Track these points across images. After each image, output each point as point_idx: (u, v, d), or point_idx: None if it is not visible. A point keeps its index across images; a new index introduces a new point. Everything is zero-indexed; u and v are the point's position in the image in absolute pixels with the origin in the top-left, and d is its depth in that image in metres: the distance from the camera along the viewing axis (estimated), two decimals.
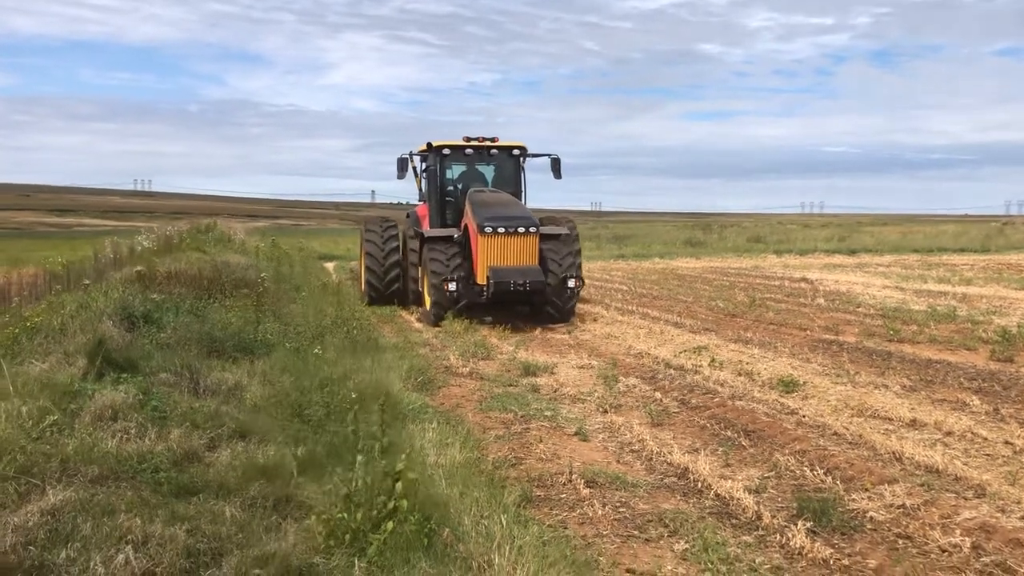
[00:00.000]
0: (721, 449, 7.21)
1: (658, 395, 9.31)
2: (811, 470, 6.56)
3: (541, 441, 7.35)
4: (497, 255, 14.62)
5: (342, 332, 10.74)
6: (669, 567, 4.74)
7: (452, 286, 14.54)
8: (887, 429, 7.76)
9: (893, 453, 6.96)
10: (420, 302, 16.20)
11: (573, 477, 6.24)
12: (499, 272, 14.38)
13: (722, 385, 9.73)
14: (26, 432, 5.41)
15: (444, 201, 16.74)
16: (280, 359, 9.06)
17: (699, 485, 6.27)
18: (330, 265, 30.96)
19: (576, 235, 16.61)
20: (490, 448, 7.10)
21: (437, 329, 14.40)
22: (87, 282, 11.81)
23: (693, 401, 9.01)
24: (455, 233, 15.59)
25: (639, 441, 7.43)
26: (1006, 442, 7.24)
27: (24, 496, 4.38)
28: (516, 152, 16.98)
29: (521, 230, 14.75)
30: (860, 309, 16.92)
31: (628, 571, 4.66)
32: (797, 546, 5.06)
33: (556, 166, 17.17)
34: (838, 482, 6.26)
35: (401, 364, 10.32)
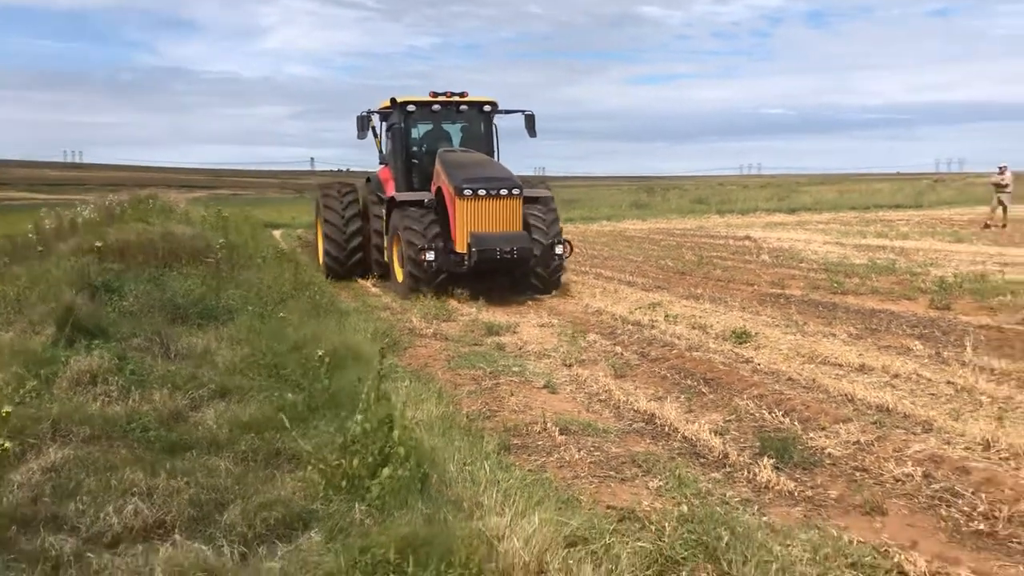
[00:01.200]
0: (683, 396, 7.53)
1: (619, 349, 9.61)
2: (770, 412, 6.91)
3: (512, 395, 7.59)
4: (478, 220, 13.22)
5: (304, 297, 10.80)
6: (646, 502, 5.01)
7: (430, 256, 13.13)
8: (838, 374, 8.16)
9: (845, 395, 7.35)
10: (387, 274, 15.21)
11: (548, 426, 6.49)
12: (482, 239, 12.96)
13: (678, 338, 10.06)
14: (7, 397, 5.46)
15: (411, 163, 15.28)
16: (245, 324, 9.12)
17: (666, 429, 6.57)
18: (277, 233, 30.65)
19: (553, 197, 15.33)
20: (464, 402, 7.31)
21: (394, 293, 14.47)
22: (40, 249, 11.66)
23: (652, 353, 9.32)
24: (428, 197, 14.15)
25: (605, 391, 7.72)
26: (948, 382, 7.69)
27: (20, 456, 4.46)
28: (487, 108, 15.50)
29: (504, 192, 13.31)
30: (803, 264, 17.47)
31: (609, 507, 4.92)
32: (764, 480, 5.39)
33: (531, 124, 15.60)
34: (796, 423, 6.62)
35: (366, 327, 10.44)
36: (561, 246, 13.77)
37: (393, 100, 15.09)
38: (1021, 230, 23.93)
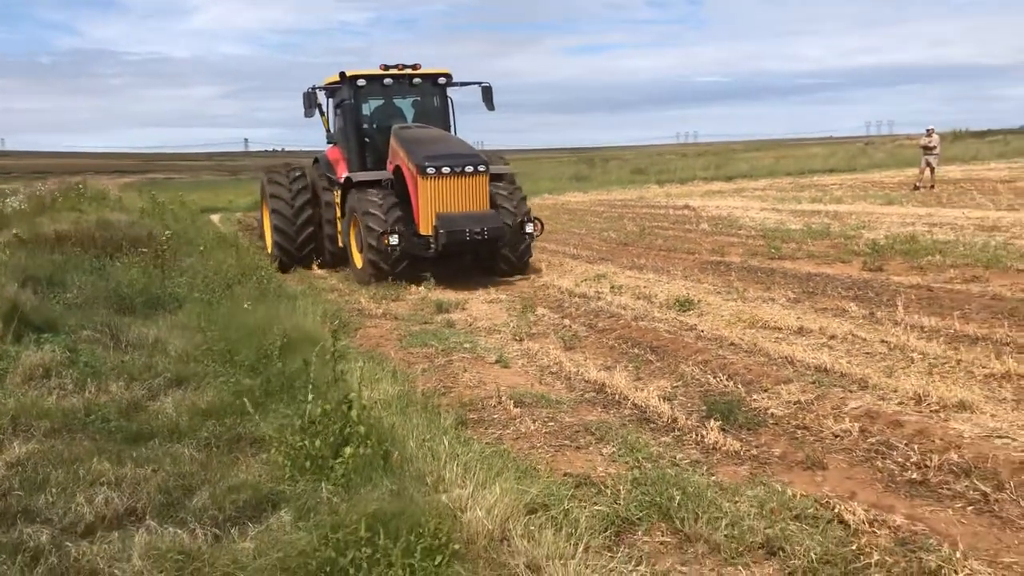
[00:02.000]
0: (631, 365, 7.76)
1: (567, 322, 9.82)
2: (714, 377, 7.18)
3: (465, 371, 7.74)
4: (443, 200, 12.47)
5: (251, 282, 10.78)
6: (601, 468, 5.23)
7: (393, 240, 12.39)
8: (778, 337, 8.47)
9: (785, 357, 7.65)
10: (339, 261, 14.73)
11: (502, 399, 6.66)
12: (449, 220, 12.27)
13: (624, 308, 10.30)
14: None
15: (363, 141, 14.36)
16: (194, 311, 9.10)
17: (617, 397, 6.79)
18: (215, 217, 30.24)
19: (515, 174, 14.91)
20: (418, 380, 7.44)
21: (341, 274, 14.48)
22: None
23: (600, 325, 9.55)
24: (386, 176, 13.48)
25: (556, 364, 7.91)
26: (882, 341, 8.04)
27: None
28: (442, 80, 14.65)
29: (469, 169, 12.54)
30: (742, 231, 17.88)
31: (566, 475, 5.12)
32: (711, 442, 5.63)
33: (488, 96, 14.77)
34: (739, 386, 6.89)
35: (314, 310, 10.47)
36: (531, 224, 13.28)
37: (342, 74, 14.16)
38: (948, 191, 24.74)
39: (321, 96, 15.21)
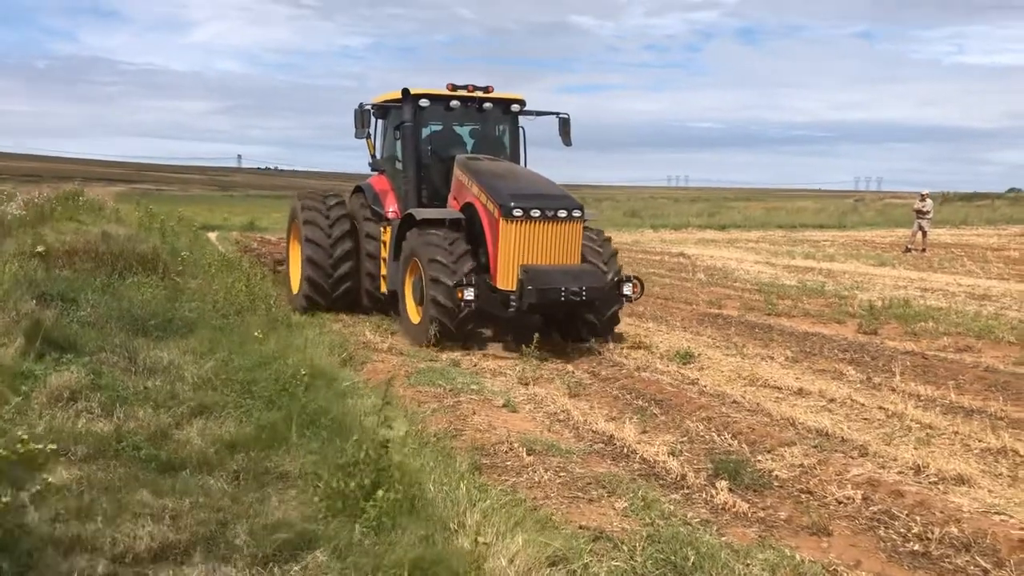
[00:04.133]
0: (637, 417, 7.94)
1: (570, 367, 10.01)
2: (719, 435, 7.37)
3: (475, 413, 7.90)
4: (530, 249, 10.48)
5: (261, 309, 10.93)
6: (615, 523, 5.39)
7: (469, 294, 10.29)
8: (778, 397, 8.69)
9: (787, 419, 7.87)
10: (379, 307, 13.00)
11: (514, 446, 6.82)
12: (540, 274, 10.24)
13: (626, 358, 10.51)
14: None
15: (420, 172, 12.39)
16: (207, 337, 9.23)
17: (625, 450, 6.97)
18: (212, 236, 30.33)
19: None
20: (428, 421, 7.59)
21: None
22: None
23: (603, 373, 9.74)
24: (456, 216, 11.39)
25: (563, 411, 8.09)
26: (880, 407, 8.27)
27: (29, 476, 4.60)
28: (515, 107, 12.65)
29: (563, 214, 10.58)
30: (737, 284, 18.18)
31: (581, 527, 5.28)
32: (720, 502, 5.82)
33: (565, 128, 12.92)
34: (744, 445, 7.09)
35: (320, 340, 10.63)
36: (629, 284, 11.26)
37: (405, 92, 12.16)
38: (939, 255, 25.20)
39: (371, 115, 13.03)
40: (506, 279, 10.51)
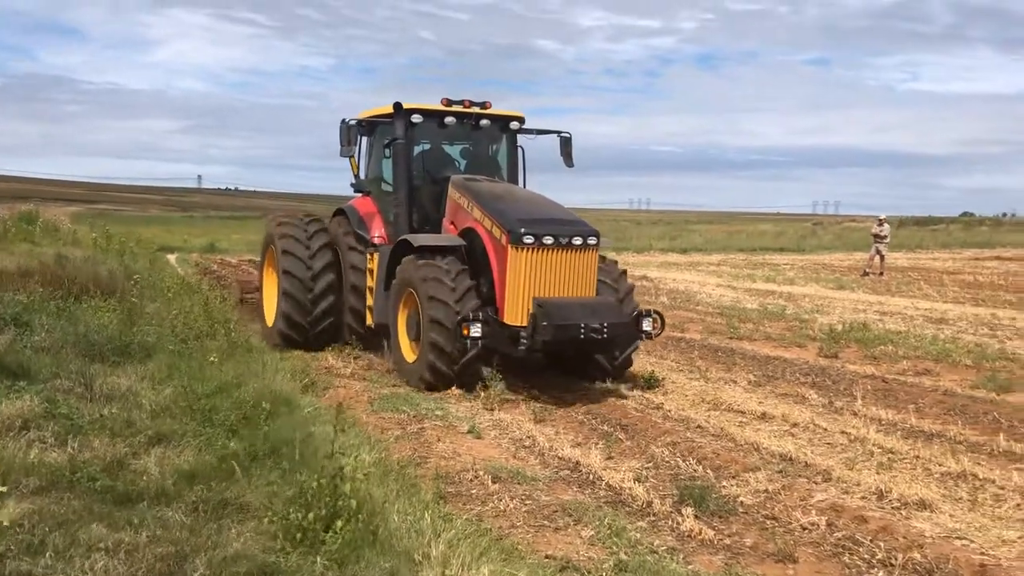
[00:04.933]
0: (602, 442, 7.91)
1: (535, 391, 9.95)
2: (684, 460, 7.36)
3: (439, 440, 7.82)
4: (541, 280, 9.40)
5: (220, 334, 10.74)
6: (582, 552, 5.34)
7: (476, 330, 9.19)
8: (742, 422, 8.73)
9: (751, 444, 7.89)
10: (364, 343, 11.83)
11: (479, 473, 6.75)
12: (557, 309, 9.16)
13: (591, 381, 10.48)
14: None
15: (413, 194, 11.23)
16: (165, 362, 9.06)
17: (591, 477, 6.93)
18: (171, 258, 29.88)
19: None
20: (392, 448, 7.49)
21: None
22: None
23: (568, 398, 9.70)
24: (456, 243, 10.35)
25: (529, 437, 8.03)
26: (842, 431, 8.33)
27: None
28: (514, 125, 11.69)
29: (577, 241, 9.58)
30: (699, 307, 18.30)
31: (548, 557, 5.22)
32: (686, 529, 5.79)
33: (567, 148, 11.89)
34: (708, 471, 7.08)
35: (282, 365, 10.46)
36: (649, 320, 10.19)
37: (397, 106, 10.99)
38: (896, 279, 25.60)
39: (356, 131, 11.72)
40: (515, 313, 9.39)
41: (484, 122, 11.46)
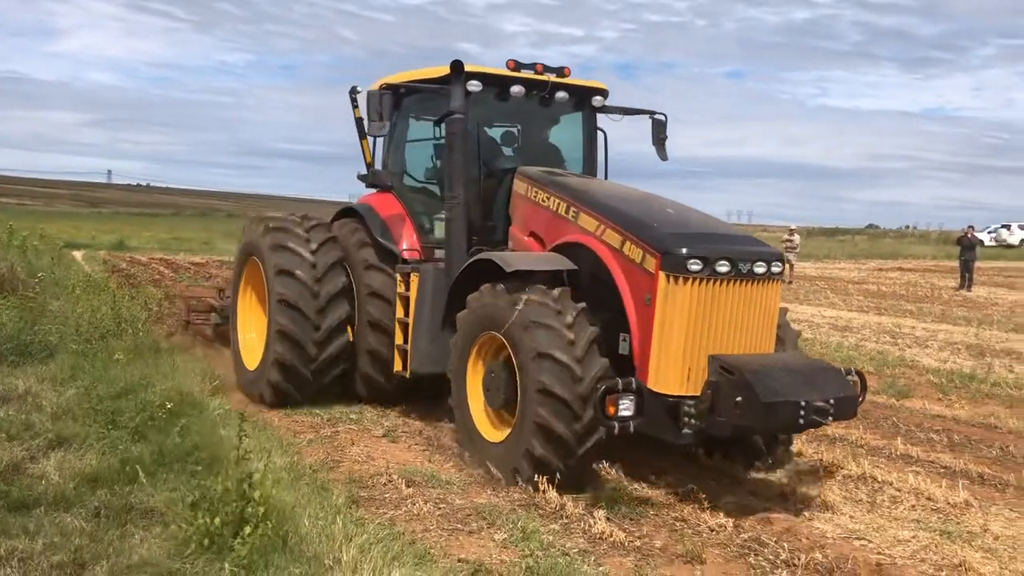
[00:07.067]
0: None
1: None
2: (598, 463, 7.44)
3: (353, 444, 7.74)
4: (713, 326, 6.37)
5: (128, 334, 10.42)
6: (495, 555, 5.36)
7: (626, 407, 6.18)
8: None
9: (664, 447, 8.00)
10: (385, 398, 9.05)
11: (393, 477, 6.70)
12: (755, 378, 5.97)
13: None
14: None
15: (478, 191, 8.34)
16: (68, 363, 8.77)
17: (505, 480, 6.94)
18: (78, 254, 28.91)
19: None
20: (305, 452, 7.38)
21: (221, 329, 13.93)
22: None
23: None
24: (565, 264, 7.12)
25: (444, 440, 8.02)
26: None
27: None
28: (597, 100, 8.86)
29: (759, 268, 6.53)
30: None
31: (460, 560, 5.22)
32: (598, 532, 5.86)
33: (661, 133, 9.12)
34: (621, 473, 7.18)
35: (192, 367, 10.19)
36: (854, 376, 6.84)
37: (457, 65, 7.90)
38: (804, 288, 26.40)
39: (387, 102, 7.96)
40: (671, 378, 6.34)
41: (561, 94, 8.49)
